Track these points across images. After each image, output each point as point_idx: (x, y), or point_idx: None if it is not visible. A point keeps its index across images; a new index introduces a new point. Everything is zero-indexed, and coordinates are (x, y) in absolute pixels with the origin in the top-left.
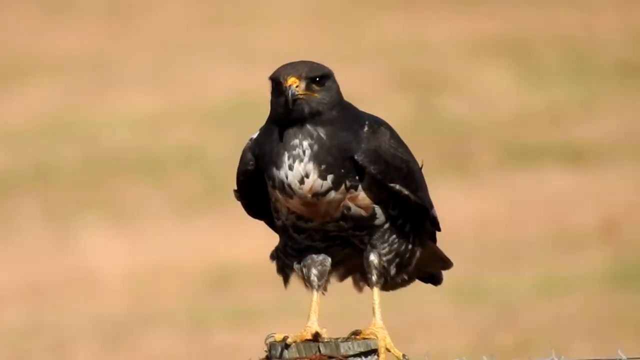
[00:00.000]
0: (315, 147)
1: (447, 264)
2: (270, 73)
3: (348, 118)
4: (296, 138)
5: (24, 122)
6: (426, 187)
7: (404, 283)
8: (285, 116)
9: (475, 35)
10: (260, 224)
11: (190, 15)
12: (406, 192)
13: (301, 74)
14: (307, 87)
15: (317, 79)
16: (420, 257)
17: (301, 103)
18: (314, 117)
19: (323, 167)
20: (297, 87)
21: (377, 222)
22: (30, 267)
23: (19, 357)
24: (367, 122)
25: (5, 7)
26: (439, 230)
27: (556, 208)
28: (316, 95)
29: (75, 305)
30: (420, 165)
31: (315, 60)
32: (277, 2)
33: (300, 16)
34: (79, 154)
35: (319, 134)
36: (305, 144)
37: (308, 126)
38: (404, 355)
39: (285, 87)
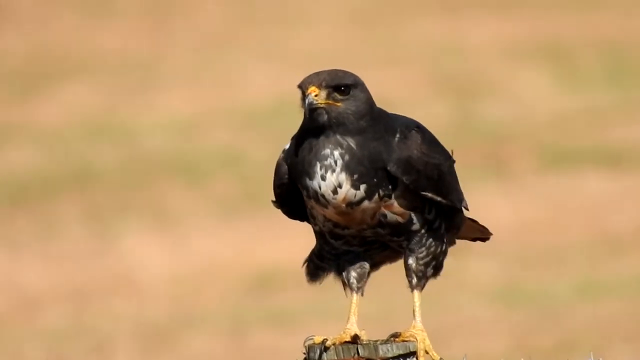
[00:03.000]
0: (347, 157)
1: (486, 233)
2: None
3: (379, 127)
4: (327, 148)
5: (64, 123)
6: (456, 181)
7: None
8: (310, 125)
9: (513, 38)
10: (300, 227)
11: (229, 16)
12: (438, 199)
13: (322, 82)
14: (328, 96)
15: (342, 88)
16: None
17: (321, 112)
18: (339, 126)
19: (355, 176)
20: (316, 96)
21: (414, 227)
22: (72, 270)
23: (60, 359)
24: (398, 129)
25: (46, 8)
26: (467, 210)
27: (595, 211)
28: (339, 104)
29: (116, 308)
30: (450, 155)
31: (353, 63)
32: (316, 3)
33: (340, 18)
34: (119, 156)
35: (348, 144)
36: (337, 153)
37: (337, 136)
38: (441, 359)
39: (306, 95)
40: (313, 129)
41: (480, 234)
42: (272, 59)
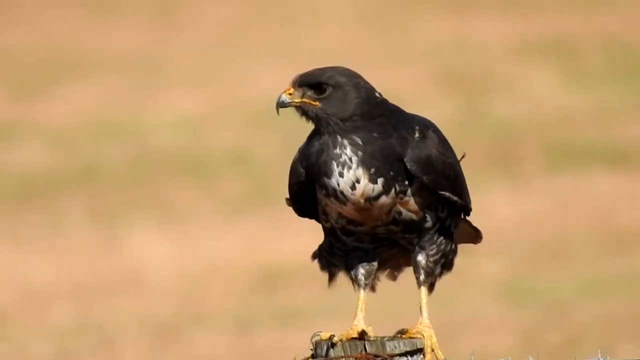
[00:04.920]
0: (360, 153)
1: (477, 237)
2: None
3: (388, 123)
4: (336, 147)
5: (70, 121)
6: (465, 182)
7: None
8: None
9: (521, 36)
10: (306, 225)
11: (237, 15)
12: (455, 198)
13: (297, 81)
14: (304, 95)
15: (316, 86)
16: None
17: (300, 110)
18: (328, 126)
19: (372, 170)
20: (290, 94)
21: (427, 225)
22: (78, 267)
23: (67, 356)
24: (417, 128)
25: (53, 7)
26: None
27: (603, 209)
28: (316, 104)
29: (122, 305)
30: (460, 158)
31: (361, 62)
32: (325, 3)
33: (348, 17)
34: (125, 154)
35: (354, 141)
36: (348, 151)
37: (340, 135)
38: (445, 359)
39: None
40: (319, 129)
41: (471, 237)
42: (280, 58)
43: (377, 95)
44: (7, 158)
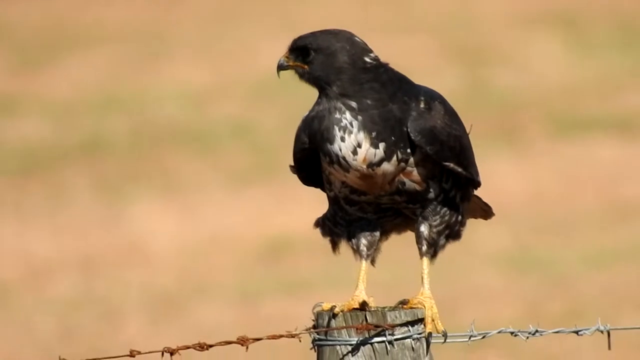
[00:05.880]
0: (359, 117)
1: (488, 213)
2: None
3: (378, 90)
4: (336, 112)
5: (73, 94)
6: (473, 154)
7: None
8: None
9: (524, 6)
10: (310, 196)
11: None
12: (459, 169)
13: (290, 45)
14: (297, 58)
15: (302, 50)
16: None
17: (296, 73)
18: (323, 89)
19: (373, 134)
20: (287, 58)
21: (431, 195)
22: (81, 240)
23: (70, 328)
24: (422, 98)
25: None
26: (480, 186)
27: (606, 179)
28: (305, 67)
29: (125, 277)
30: (468, 131)
31: (363, 33)
32: None
33: None
34: (128, 127)
35: (351, 105)
36: (348, 115)
37: (338, 100)
38: (443, 332)
39: None
40: (320, 95)
41: (482, 212)
42: (283, 28)
43: (368, 60)
44: (10, 132)
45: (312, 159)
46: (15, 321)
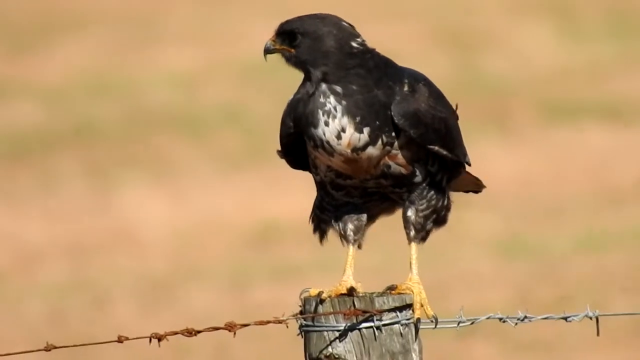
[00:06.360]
0: (343, 101)
1: (479, 185)
2: None
3: (363, 75)
4: (321, 96)
5: (65, 78)
6: (461, 137)
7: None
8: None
9: None
10: (302, 181)
11: None
12: (444, 152)
13: (277, 29)
14: (283, 42)
15: (288, 34)
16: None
17: (283, 57)
18: (309, 73)
19: (358, 119)
20: (274, 41)
21: (417, 179)
22: (72, 225)
23: (60, 313)
24: (406, 81)
25: None
26: (470, 166)
27: (596, 164)
28: (292, 50)
29: (116, 263)
30: (455, 108)
31: (354, 17)
32: None
33: None
34: (119, 112)
35: (336, 90)
36: (332, 99)
37: (324, 84)
38: (433, 316)
39: None
40: (305, 78)
41: (474, 186)
42: (273, 13)
43: (355, 45)
44: (0, 117)
45: (298, 143)
46: (4, 306)
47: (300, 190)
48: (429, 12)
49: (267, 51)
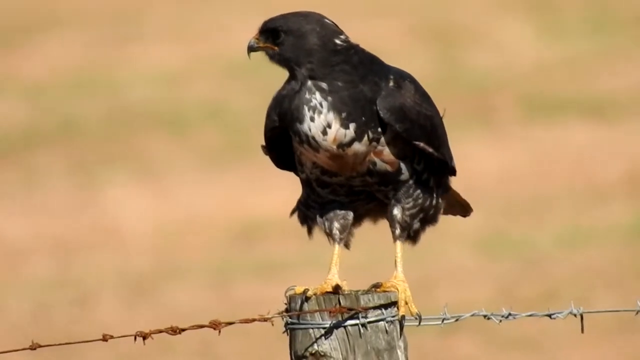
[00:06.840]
0: (329, 97)
1: (466, 209)
2: None
3: (348, 72)
4: (306, 92)
5: (46, 76)
6: (447, 138)
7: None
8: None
9: None
10: (284, 178)
11: None
12: (430, 150)
13: (260, 27)
14: (267, 40)
15: (272, 32)
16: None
17: (267, 55)
18: (293, 70)
19: (344, 115)
20: (257, 39)
21: (403, 177)
22: (55, 222)
23: (44, 310)
24: (392, 77)
25: None
26: (455, 175)
27: (579, 161)
28: (276, 48)
29: (99, 260)
30: (442, 115)
31: (336, 14)
32: None
33: None
34: (102, 109)
35: (321, 87)
36: (318, 95)
37: (310, 80)
38: (417, 314)
39: None
40: (290, 76)
41: (461, 208)
42: (255, 10)
43: (339, 42)
44: None
45: (282, 138)
46: None
47: (283, 187)
48: (411, 9)
49: (251, 49)
